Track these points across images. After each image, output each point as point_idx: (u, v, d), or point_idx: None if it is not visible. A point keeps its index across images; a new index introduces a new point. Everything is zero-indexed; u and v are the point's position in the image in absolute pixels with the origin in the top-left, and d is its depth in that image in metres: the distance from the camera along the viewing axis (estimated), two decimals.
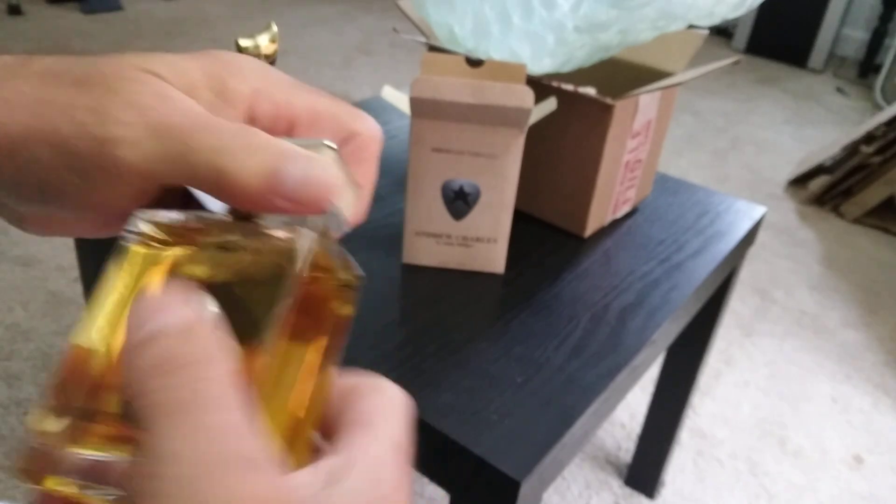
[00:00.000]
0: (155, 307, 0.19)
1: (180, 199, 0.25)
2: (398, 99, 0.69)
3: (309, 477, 0.20)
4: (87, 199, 0.23)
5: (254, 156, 0.21)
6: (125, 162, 0.22)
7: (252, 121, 0.25)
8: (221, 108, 0.24)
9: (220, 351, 0.19)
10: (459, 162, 0.65)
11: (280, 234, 0.21)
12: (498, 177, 0.66)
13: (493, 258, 0.70)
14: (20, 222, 0.26)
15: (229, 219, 0.22)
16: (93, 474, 0.20)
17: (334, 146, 0.23)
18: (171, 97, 0.22)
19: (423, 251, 0.69)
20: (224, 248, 0.21)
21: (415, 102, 0.62)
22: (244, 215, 0.22)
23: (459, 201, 0.67)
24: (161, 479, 0.17)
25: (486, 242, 0.69)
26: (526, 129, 0.63)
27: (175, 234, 0.21)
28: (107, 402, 0.20)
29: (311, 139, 0.23)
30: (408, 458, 0.22)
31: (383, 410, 0.23)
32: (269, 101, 0.25)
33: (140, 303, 0.19)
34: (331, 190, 0.22)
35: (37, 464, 0.20)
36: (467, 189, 0.66)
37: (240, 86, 0.24)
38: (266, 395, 0.20)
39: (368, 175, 0.26)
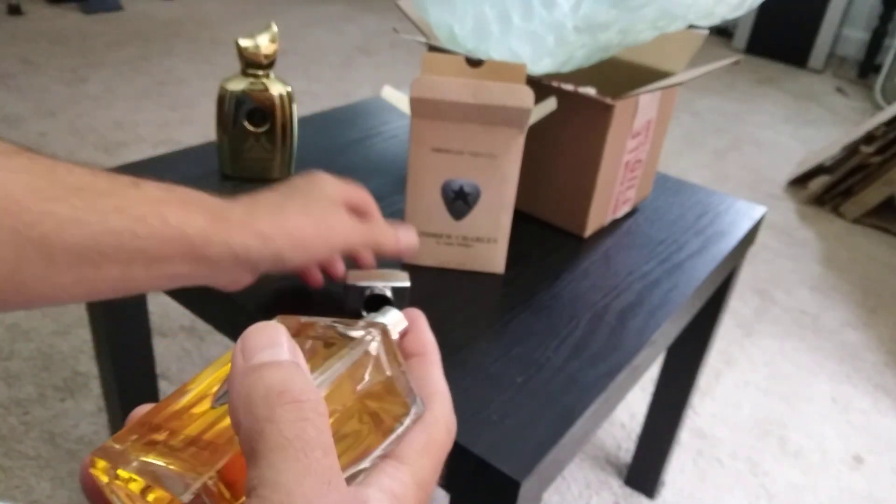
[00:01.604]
0: (269, 340, 0.23)
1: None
2: (398, 99, 0.69)
3: None
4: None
5: (388, 237, 0.58)
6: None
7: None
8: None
9: (315, 393, 0.22)
10: (459, 162, 0.65)
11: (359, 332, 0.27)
12: (498, 177, 0.65)
13: (493, 258, 0.70)
14: (232, 285, 0.51)
15: (331, 326, 0.28)
16: (153, 478, 0.23)
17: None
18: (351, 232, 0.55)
19: (422, 251, 0.69)
20: (319, 339, 0.27)
21: (415, 102, 0.62)
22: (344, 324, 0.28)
23: (459, 201, 0.67)
24: (265, 501, 0.20)
25: (486, 242, 0.69)
26: (526, 129, 0.63)
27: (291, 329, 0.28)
28: (179, 432, 0.24)
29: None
30: (427, 494, 0.26)
31: (418, 446, 0.26)
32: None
33: (255, 333, 0.23)
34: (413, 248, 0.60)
35: (107, 455, 0.24)
36: (467, 189, 0.66)
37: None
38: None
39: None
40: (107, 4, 3.21)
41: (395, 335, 0.30)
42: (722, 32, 3.84)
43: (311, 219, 0.51)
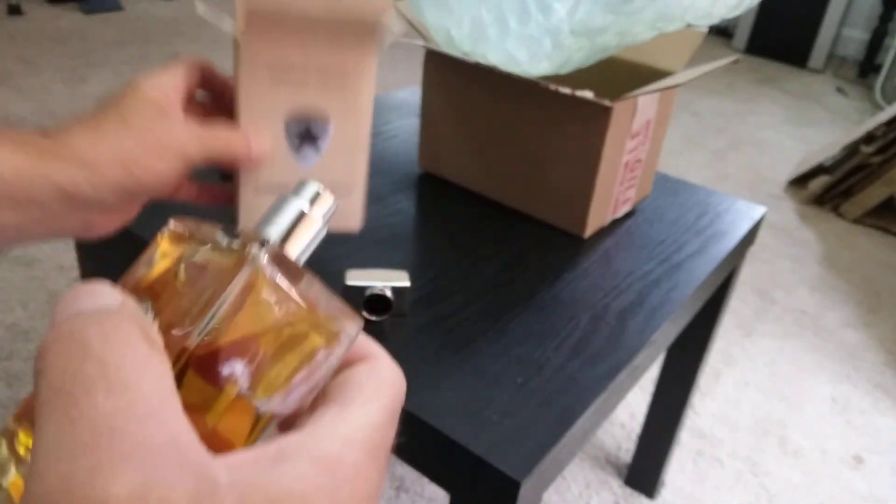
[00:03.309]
0: (75, 296, 0.18)
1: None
2: (216, 17, 0.54)
3: (251, 455, 0.17)
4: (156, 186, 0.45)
5: (236, 144, 0.49)
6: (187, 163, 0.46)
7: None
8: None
9: (130, 334, 0.17)
10: (303, 92, 0.53)
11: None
12: (350, 105, 0.54)
13: (348, 213, 0.58)
14: (88, 230, 0.44)
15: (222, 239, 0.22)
16: None
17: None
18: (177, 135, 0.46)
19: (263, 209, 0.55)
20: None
21: (251, 16, 0.49)
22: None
23: (307, 145, 0.55)
24: (38, 479, 0.15)
25: (339, 194, 0.56)
26: (380, 47, 0.54)
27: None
28: None
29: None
30: (384, 444, 0.20)
31: (367, 389, 0.21)
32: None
33: (64, 296, 0.19)
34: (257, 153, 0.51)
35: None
36: (315, 129, 0.54)
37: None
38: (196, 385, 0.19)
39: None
40: (107, 4, 3.21)
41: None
42: (722, 32, 3.84)
43: (132, 133, 0.43)
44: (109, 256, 0.81)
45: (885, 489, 1.24)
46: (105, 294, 0.18)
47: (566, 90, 0.70)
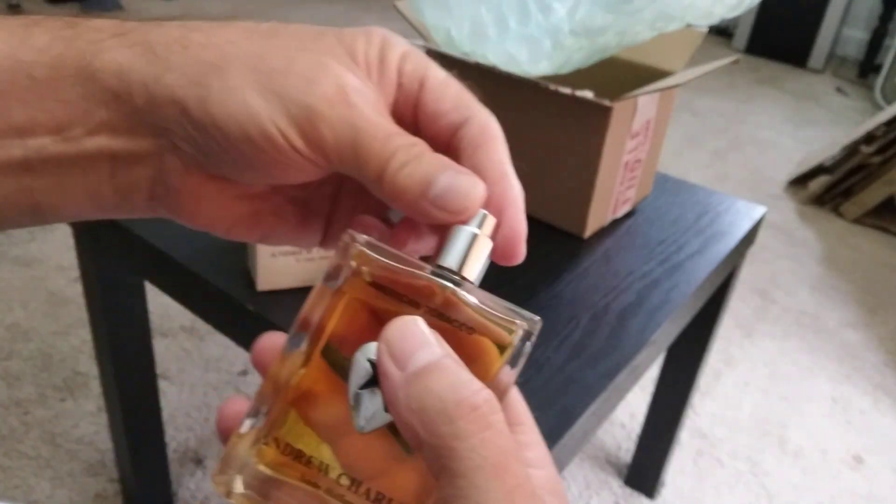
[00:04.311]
0: (418, 340, 0.22)
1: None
2: None
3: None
4: (271, 162, 0.25)
5: (415, 163, 0.24)
6: (321, 135, 0.24)
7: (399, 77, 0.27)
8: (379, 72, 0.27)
9: (484, 389, 0.21)
10: None
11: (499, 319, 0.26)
12: None
13: None
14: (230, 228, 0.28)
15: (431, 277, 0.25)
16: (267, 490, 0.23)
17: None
18: (352, 92, 0.25)
19: (280, 273, 0.61)
20: (441, 316, 0.24)
21: None
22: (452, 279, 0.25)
23: None
24: None
25: None
26: None
27: (391, 282, 0.24)
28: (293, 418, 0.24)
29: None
30: None
31: (520, 397, 0.29)
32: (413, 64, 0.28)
33: (398, 334, 0.22)
34: (474, 201, 0.25)
35: (226, 465, 0.23)
36: None
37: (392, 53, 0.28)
38: None
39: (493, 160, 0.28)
40: (107, 4, 3.21)
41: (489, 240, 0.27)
42: (722, 32, 3.84)
43: (281, 43, 0.27)
44: (109, 256, 0.81)
45: (885, 489, 1.24)
46: (473, 382, 0.22)
47: (566, 90, 0.70)
